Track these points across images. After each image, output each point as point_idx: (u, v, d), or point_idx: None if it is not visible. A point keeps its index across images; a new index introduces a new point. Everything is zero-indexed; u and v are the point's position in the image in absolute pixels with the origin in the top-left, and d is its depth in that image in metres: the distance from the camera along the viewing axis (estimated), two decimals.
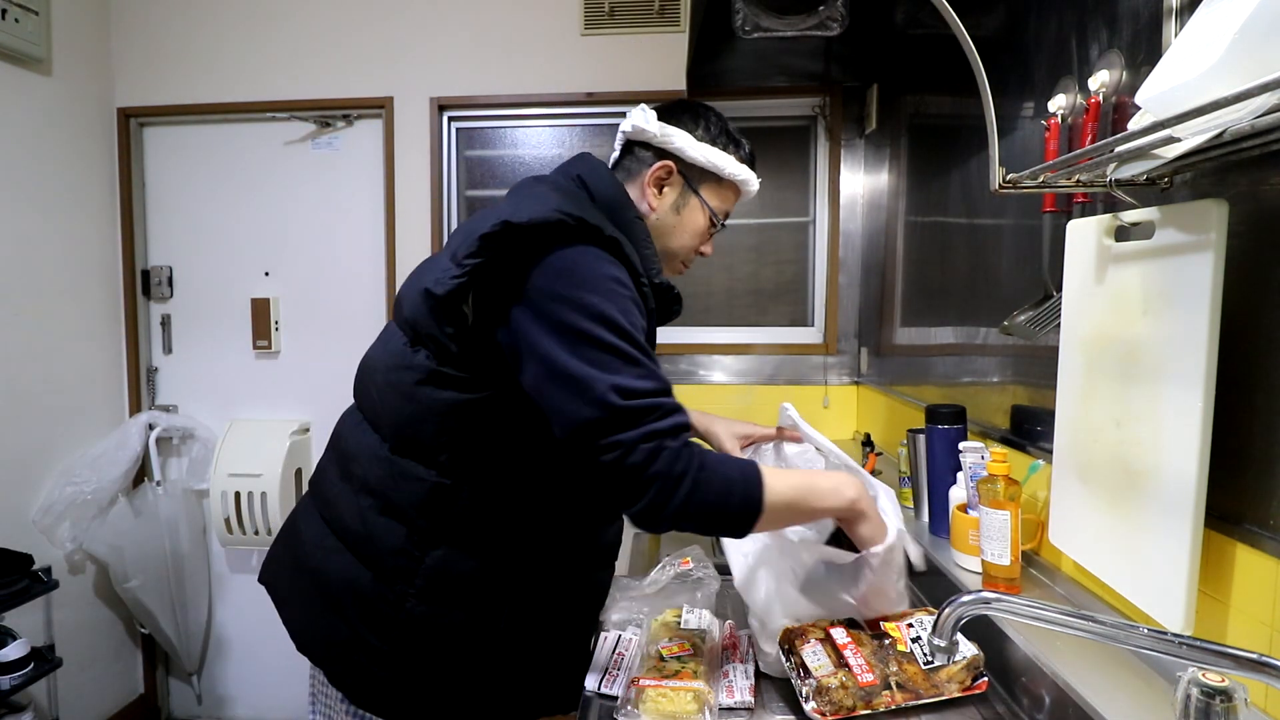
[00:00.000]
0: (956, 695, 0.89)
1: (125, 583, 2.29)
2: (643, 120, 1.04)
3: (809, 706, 0.86)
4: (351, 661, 0.91)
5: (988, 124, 0.83)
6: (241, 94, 2.42)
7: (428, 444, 0.89)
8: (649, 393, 0.81)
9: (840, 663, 0.90)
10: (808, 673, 0.88)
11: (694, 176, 1.04)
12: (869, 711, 0.86)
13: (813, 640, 0.93)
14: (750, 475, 0.84)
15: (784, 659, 0.92)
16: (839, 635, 0.93)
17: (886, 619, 0.98)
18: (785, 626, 0.95)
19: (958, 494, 1.20)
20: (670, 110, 1.06)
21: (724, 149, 1.05)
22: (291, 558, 1.02)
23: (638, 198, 1.04)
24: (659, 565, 1.21)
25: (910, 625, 0.97)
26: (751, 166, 1.09)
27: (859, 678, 0.88)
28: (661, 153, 1.04)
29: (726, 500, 0.82)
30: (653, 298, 0.94)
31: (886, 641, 0.95)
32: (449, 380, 0.87)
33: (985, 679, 0.91)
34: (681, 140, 1.02)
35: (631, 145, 1.07)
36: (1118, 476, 0.84)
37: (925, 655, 0.92)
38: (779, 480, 0.86)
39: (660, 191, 1.04)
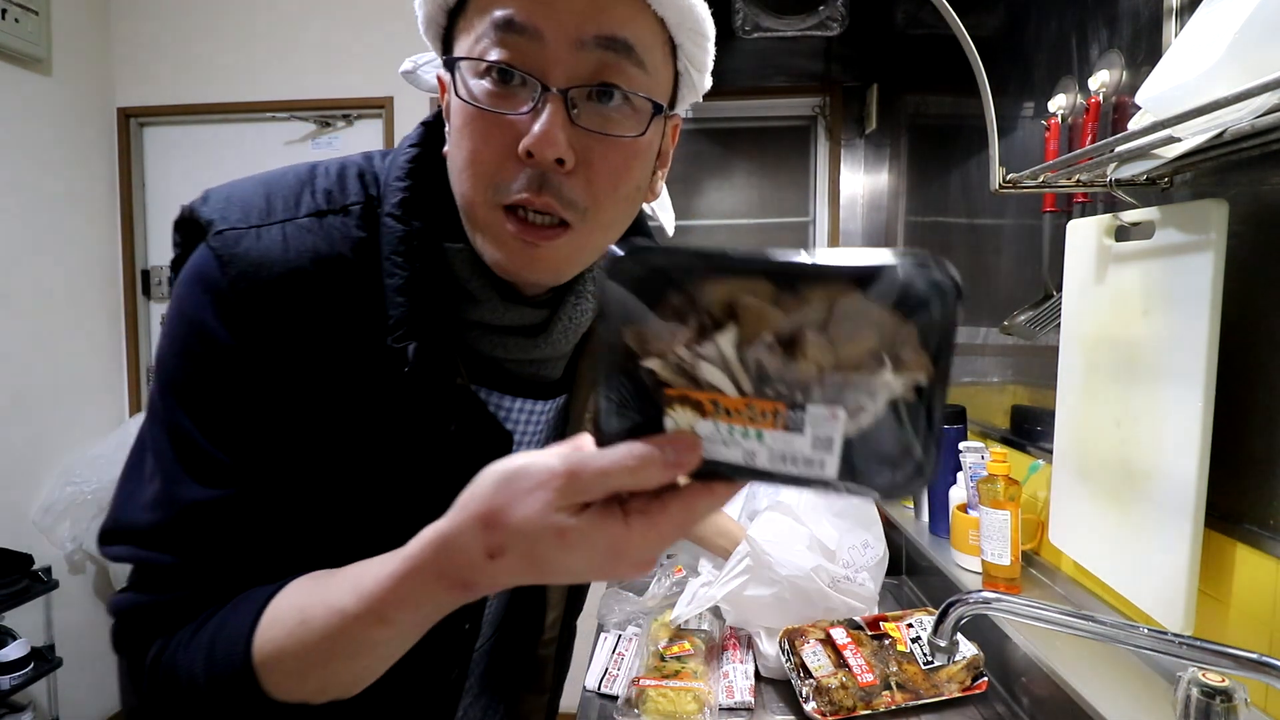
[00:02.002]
0: (956, 695, 0.89)
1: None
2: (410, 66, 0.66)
3: (809, 707, 0.86)
4: None
5: (988, 124, 0.83)
6: (241, 94, 2.42)
7: None
8: (133, 536, 0.49)
9: (840, 663, 0.90)
10: (808, 673, 0.88)
11: (448, 49, 0.55)
12: (869, 711, 0.86)
13: (812, 640, 0.93)
14: (223, 660, 0.46)
15: (784, 659, 0.92)
16: (839, 635, 0.93)
17: (884, 619, 0.98)
18: (786, 627, 0.95)
19: (958, 494, 1.20)
20: None
21: None
22: None
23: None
24: (654, 579, 1.20)
25: (910, 625, 0.97)
26: None
27: (859, 678, 0.88)
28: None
29: (198, 692, 0.47)
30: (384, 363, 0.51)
31: (886, 642, 0.95)
32: None
33: (985, 679, 0.91)
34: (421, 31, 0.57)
35: None
36: (1118, 476, 0.84)
37: (925, 655, 0.92)
38: (289, 649, 0.45)
39: (450, 118, 0.54)
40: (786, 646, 0.93)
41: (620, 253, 0.32)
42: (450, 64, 0.49)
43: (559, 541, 0.36)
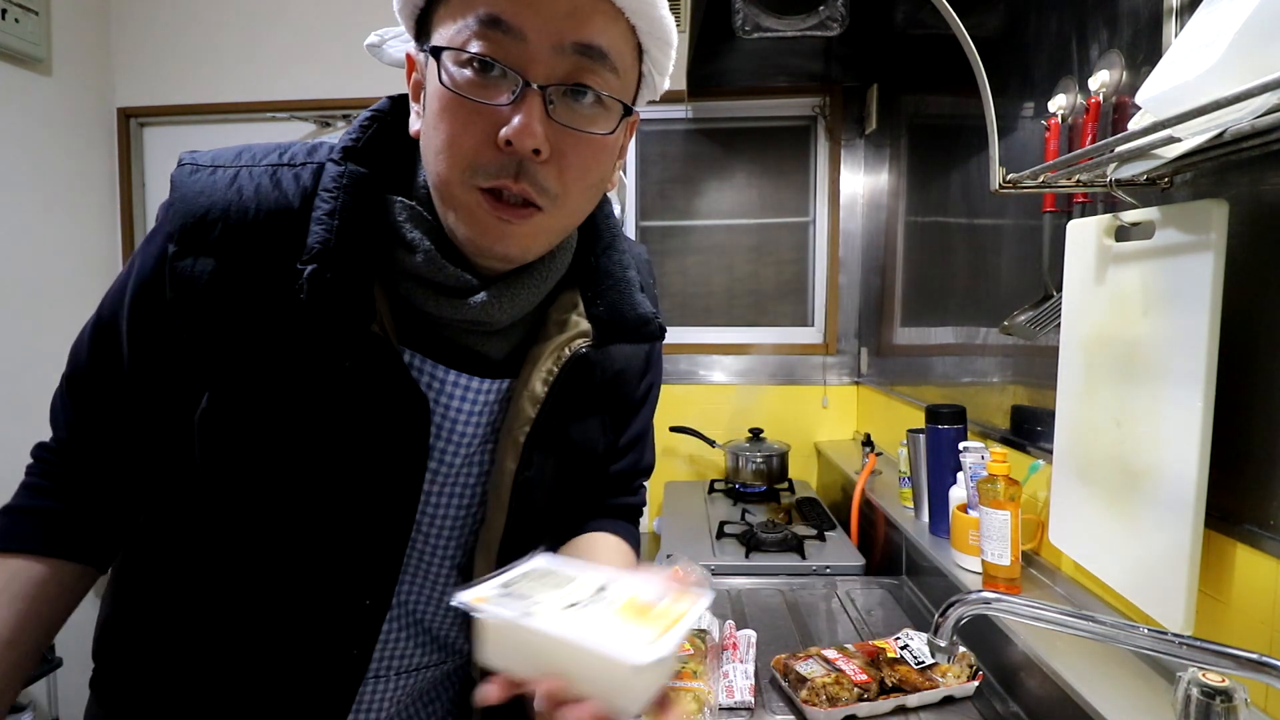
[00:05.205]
0: (954, 691, 0.90)
1: None
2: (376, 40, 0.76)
3: (803, 694, 0.86)
4: None
5: (988, 124, 0.83)
6: (241, 94, 2.42)
7: None
8: (54, 420, 0.70)
9: (835, 670, 0.91)
10: (803, 680, 0.89)
11: (423, 34, 0.56)
12: (867, 701, 0.87)
13: (808, 660, 0.94)
14: None
15: (781, 680, 0.93)
16: (830, 654, 0.95)
17: (872, 643, 0.98)
18: (776, 657, 0.96)
19: (958, 494, 1.20)
20: None
21: None
22: None
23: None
24: None
25: (897, 638, 0.98)
26: None
27: (853, 678, 0.88)
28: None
29: None
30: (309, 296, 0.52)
31: (877, 655, 0.96)
32: None
33: (981, 672, 0.92)
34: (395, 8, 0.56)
35: None
36: (1118, 476, 0.84)
37: (915, 659, 0.93)
38: None
39: (420, 102, 0.57)
40: (781, 671, 0.93)
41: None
42: (434, 51, 0.51)
43: None
